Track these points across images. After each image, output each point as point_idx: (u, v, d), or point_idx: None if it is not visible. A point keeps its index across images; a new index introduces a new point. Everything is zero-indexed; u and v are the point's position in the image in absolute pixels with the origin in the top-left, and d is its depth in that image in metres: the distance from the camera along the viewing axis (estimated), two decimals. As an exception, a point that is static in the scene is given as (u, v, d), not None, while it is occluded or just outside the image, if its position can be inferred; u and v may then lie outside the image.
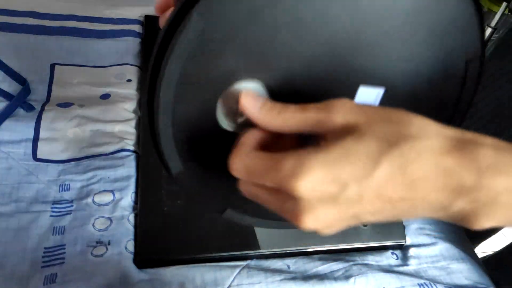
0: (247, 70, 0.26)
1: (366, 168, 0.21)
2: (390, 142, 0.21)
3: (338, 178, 0.21)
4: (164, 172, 0.47)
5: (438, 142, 0.21)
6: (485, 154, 0.21)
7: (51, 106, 0.52)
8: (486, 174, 0.21)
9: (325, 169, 0.21)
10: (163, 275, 0.41)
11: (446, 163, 0.21)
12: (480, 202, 0.21)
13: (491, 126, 0.50)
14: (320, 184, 0.21)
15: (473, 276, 0.48)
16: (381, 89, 0.30)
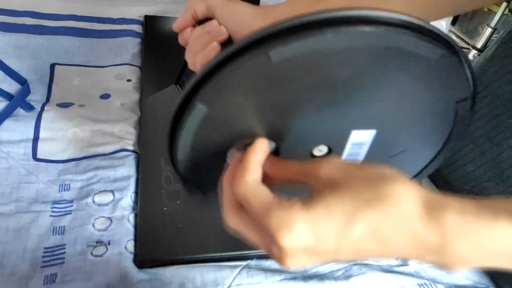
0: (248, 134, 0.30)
1: (343, 226, 0.23)
2: (366, 202, 0.23)
3: (318, 234, 0.23)
4: (164, 172, 0.47)
5: (410, 205, 0.23)
6: (450, 219, 0.23)
7: (51, 106, 0.52)
8: (450, 238, 0.23)
9: (307, 225, 0.23)
10: (163, 275, 0.41)
11: (415, 227, 0.23)
12: (447, 258, 0.24)
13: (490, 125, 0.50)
14: (301, 240, 0.23)
15: (473, 276, 0.48)
16: (373, 131, 0.32)
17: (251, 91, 0.28)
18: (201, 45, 0.37)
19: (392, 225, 0.23)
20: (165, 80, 0.57)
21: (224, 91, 0.27)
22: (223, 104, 0.28)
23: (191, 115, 0.28)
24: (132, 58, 0.62)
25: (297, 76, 0.27)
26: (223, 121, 0.29)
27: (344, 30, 0.25)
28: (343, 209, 0.23)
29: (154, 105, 0.54)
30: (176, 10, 0.71)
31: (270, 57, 0.25)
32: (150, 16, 0.68)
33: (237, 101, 0.28)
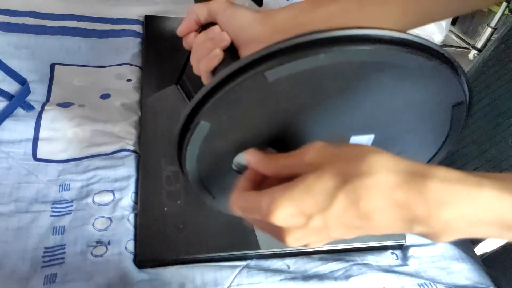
0: (251, 144, 0.32)
1: (325, 201, 0.25)
2: (345, 178, 0.24)
3: (304, 211, 0.25)
4: (164, 172, 0.47)
5: (388, 177, 0.24)
6: (432, 187, 0.24)
7: (51, 106, 0.52)
8: (433, 206, 0.24)
9: (292, 204, 0.25)
10: (163, 275, 0.41)
11: (397, 196, 0.24)
12: (434, 228, 0.24)
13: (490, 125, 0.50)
14: (290, 217, 0.26)
15: (473, 276, 0.48)
16: (371, 136, 0.33)
17: (251, 107, 0.29)
18: (204, 51, 0.37)
19: (372, 198, 0.24)
20: (165, 80, 0.57)
21: (225, 108, 0.29)
22: (225, 120, 0.30)
23: (195, 132, 0.30)
24: (132, 58, 0.62)
25: (293, 92, 0.29)
26: (226, 134, 0.31)
27: (336, 50, 0.26)
28: (323, 187, 0.25)
29: (154, 105, 0.54)
30: (176, 10, 0.71)
31: (266, 77, 0.27)
32: (150, 16, 0.68)
33: (238, 116, 0.30)
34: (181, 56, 0.60)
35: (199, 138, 0.30)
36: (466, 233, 0.25)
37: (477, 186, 0.24)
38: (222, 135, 0.31)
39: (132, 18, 0.68)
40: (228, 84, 0.28)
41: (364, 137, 0.33)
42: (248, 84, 0.27)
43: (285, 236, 0.27)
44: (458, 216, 0.24)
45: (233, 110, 0.29)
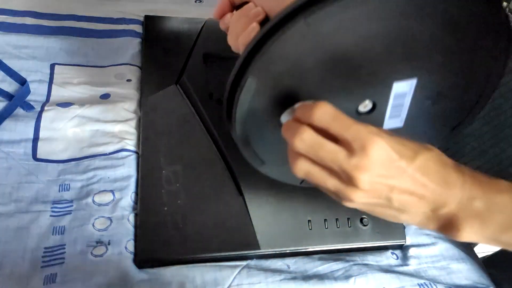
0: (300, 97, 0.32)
1: (412, 154, 0.29)
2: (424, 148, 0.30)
3: (398, 151, 0.28)
4: (164, 172, 0.47)
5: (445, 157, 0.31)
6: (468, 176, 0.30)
7: (51, 106, 0.52)
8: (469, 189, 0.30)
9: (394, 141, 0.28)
10: (163, 275, 0.41)
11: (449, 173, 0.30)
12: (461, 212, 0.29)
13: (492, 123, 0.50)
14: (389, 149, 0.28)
15: (473, 276, 0.48)
16: (414, 80, 0.33)
17: (296, 58, 0.30)
18: (242, 26, 0.37)
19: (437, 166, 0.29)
20: (165, 80, 0.57)
21: (271, 61, 0.29)
22: (272, 74, 0.30)
23: (244, 88, 0.30)
24: (132, 58, 0.61)
25: (335, 38, 0.29)
26: (273, 89, 0.31)
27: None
28: (410, 146, 0.29)
29: (154, 105, 0.54)
30: (176, 10, 0.71)
31: (309, 23, 0.27)
32: (150, 16, 0.68)
33: (284, 69, 0.30)
34: (181, 56, 0.60)
35: (248, 96, 0.31)
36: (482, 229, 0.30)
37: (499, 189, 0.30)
38: (270, 91, 0.31)
39: (132, 18, 0.68)
40: (271, 36, 0.28)
41: (407, 82, 0.33)
42: (292, 33, 0.28)
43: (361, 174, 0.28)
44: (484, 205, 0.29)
45: (279, 63, 0.30)
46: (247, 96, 0.31)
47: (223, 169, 0.49)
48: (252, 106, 0.32)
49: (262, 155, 0.37)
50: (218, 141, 0.50)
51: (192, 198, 0.46)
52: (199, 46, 0.61)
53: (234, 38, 0.38)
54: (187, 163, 0.48)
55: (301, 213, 0.47)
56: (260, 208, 0.46)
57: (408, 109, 0.36)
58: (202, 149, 0.50)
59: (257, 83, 0.30)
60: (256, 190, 0.47)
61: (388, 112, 0.35)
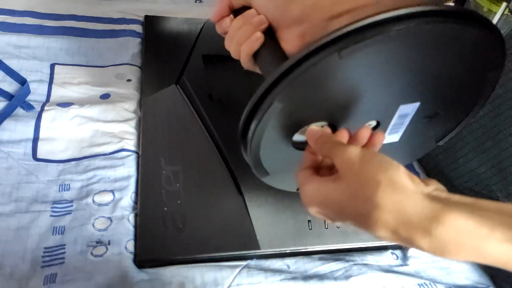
0: (315, 119, 0.34)
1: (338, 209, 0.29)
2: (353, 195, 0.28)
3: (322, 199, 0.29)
4: (164, 172, 0.47)
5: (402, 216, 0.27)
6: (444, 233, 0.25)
7: (51, 106, 0.52)
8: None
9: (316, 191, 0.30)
10: (163, 275, 0.41)
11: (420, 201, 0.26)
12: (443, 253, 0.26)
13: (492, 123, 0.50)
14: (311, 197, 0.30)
15: (473, 276, 0.48)
16: (417, 103, 0.36)
17: (322, 87, 0.31)
18: (244, 34, 0.37)
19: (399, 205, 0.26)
20: (165, 80, 0.57)
21: (300, 89, 0.31)
22: (297, 101, 0.32)
23: (268, 111, 0.31)
24: (132, 58, 0.61)
25: (361, 70, 0.31)
26: (293, 113, 0.33)
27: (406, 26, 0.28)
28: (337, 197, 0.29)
29: (154, 105, 0.54)
30: (176, 10, 0.71)
31: (341, 56, 0.29)
32: (150, 16, 0.68)
33: (309, 97, 0.32)
34: (181, 56, 0.60)
35: (269, 118, 0.32)
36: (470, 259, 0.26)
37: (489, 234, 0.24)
38: (290, 115, 0.33)
39: (132, 18, 0.68)
40: (303, 63, 0.29)
41: (411, 105, 0.36)
42: (324, 63, 0.29)
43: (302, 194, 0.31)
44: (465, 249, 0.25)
45: (306, 91, 0.31)
46: (269, 118, 0.32)
47: (223, 169, 0.49)
48: (269, 126, 0.33)
49: (268, 167, 0.38)
50: (218, 141, 0.50)
51: (192, 198, 0.46)
52: (199, 46, 0.61)
53: (234, 45, 0.38)
54: (187, 163, 0.49)
55: (301, 213, 0.47)
56: (260, 208, 0.46)
57: (407, 125, 0.38)
58: (202, 149, 0.50)
59: (281, 107, 0.31)
60: (256, 190, 0.47)
61: (388, 129, 0.38)
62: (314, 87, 0.31)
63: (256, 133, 0.33)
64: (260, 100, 0.32)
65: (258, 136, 0.33)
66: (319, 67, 0.29)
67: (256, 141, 0.34)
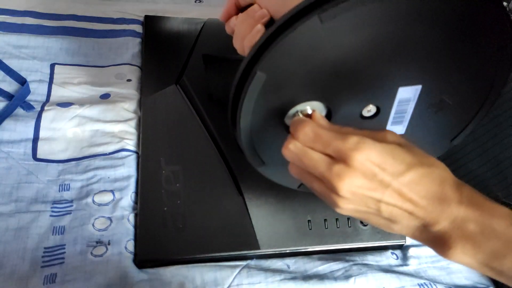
0: (304, 98, 0.32)
1: (401, 169, 0.28)
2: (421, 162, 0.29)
3: (382, 164, 0.28)
4: (164, 172, 0.47)
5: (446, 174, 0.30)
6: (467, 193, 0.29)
7: (51, 106, 0.52)
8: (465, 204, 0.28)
9: (378, 154, 0.28)
10: (163, 275, 0.41)
11: (446, 190, 0.29)
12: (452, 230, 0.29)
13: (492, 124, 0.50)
14: (370, 162, 0.28)
15: (473, 276, 0.48)
16: (418, 87, 0.33)
17: (306, 55, 0.29)
18: (246, 28, 0.37)
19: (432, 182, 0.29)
20: (165, 80, 0.57)
21: (281, 57, 0.29)
22: (281, 70, 0.30)
23: (252, 83, 0.30)
24: (132, 58, 0.61)
25: (347, 36, 0.29)
26: (281, 87, 0.31)
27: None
28: (404, 159, 0.28)
29: (154, 105, 0.54)
30: (176, 10, 0.71)
31: (322, 20, 0.27)
32: (150, 16, 0.68)
33: (294, 67, 0.30)
34: (181, 56, 0.60)
35: (255, 91, 0.30)
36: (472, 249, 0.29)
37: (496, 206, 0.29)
38: (277, 88, 0.31)
39: (132, 18, 0.68)
40: (284, 32, 0.28)
41: (411, 88, 0.33)
42: (304, 29, 0.27)
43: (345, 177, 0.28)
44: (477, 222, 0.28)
45: (289, 60, 0.29)
46: (254, 92, 0.30)
47: (223, 169, 0.49)
48: (258, 104, 0.31)
49: (263, 155, 0.37)
50: (218, 141, 0.50)
51: (192, 198, 0.46)
52: (199, 46, 0.61)
53: (239, 40, 0.38)
54: (187, 163, 0.49)
55: (301, 213, 0.47)
56: (260, 208, 0.46)
57: (410, 116, 0.36)
58: (202, 149, 0.50)
59: (265, 79, 0.30)
60: (256, 190, 0.47)
61: (390, 118, 0.35)
62: (298, 56, 0.29)
63: (244, 110, 0.31)
64: (245, 73, 0.30)
65: (246, 114, 0.32)
66: (299, 32, 0.28)
67: (245, 120, 0.32)
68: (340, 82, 0.32)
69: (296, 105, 0.33)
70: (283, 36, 0.28)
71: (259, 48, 0.29)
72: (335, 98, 0.33)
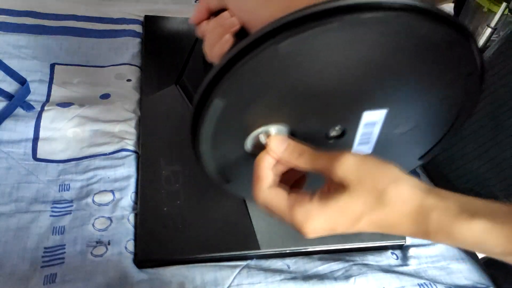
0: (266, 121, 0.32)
1: (352, 221, 0.29)
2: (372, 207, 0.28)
3: (332, 225, 0.30)
4: (164, 172, 0.47)
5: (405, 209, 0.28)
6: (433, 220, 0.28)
7: (51, 106, 0.52)
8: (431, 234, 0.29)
9: (324, 220, 0.29)
10: (163, 275, 0.41)
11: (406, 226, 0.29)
12: None
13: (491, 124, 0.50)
14: (320, 229, 0.30)
15: (473, 276, 0.48)
16: (384, 110, 0.33)
17: (265, 82, 0.29)
18: (216, 37, 0.37)
19: (389, 223, 0.29)
20: (165, 80, 0.57)
21: (239, 84, 0.29)
22: (239, 97, 0.30)
23: (210, 110, 0.29)
24: (132, 58, 0.62)
25: (306, 64, 0.28)
26: (241, 112, 0.31)
27: (348, 18, 0.26)
28: (353, 210, 0.29)
29: (154, 105, 0.54)
30: (176, 10, 0.71)
31: (278, 50, 0.27)
32: (150, 16, 0.68)
33: (253, 92, 0.30)
34: (181, 56, 0.60)
35: (214, 117, 0.30)
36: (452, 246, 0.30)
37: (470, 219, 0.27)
38: (237, 114, 0.31)
39: (132, 18, 0.68)
40: (240, 59, 0.27)
41: (377, 111, 0.33)
42: (261, 58, 0.27)
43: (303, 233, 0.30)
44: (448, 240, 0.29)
45: (247, 86, 0.29)
46: (213, 117, 0.30)
47: (223, 169, 0.49)
48: (218, 128, 0.31)
49: (227, 174, 0.36)
50: (218, 141, 0.50)
51: (192, 198, 0.46)
52: (199, 47, 0.61)
53: (209, 48, 0.38)
54: (187, 163, 0.48)
55: (301, 213, 0.47)
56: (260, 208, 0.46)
57: (377, 136, 0.35)
58: (202, 149, 0.50)
59: (224, 105, 0.29)
60: (256, 190, 0.47)
61: (357, 139, 0.35)
62: (256, 83, 0.29)
63: (203, 135, 0.31)
64: (202, 99, 0.30)
65: (206, 138, 0.31)
66: (256, 61, 0.27)
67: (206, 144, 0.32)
68: (303, 107, 0.31)
69: (258, 128, 0.32)
70: (239, 64, 0.28)
71: (217, 73, 0.29)
72: (298, 121, 0.32)
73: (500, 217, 0.27)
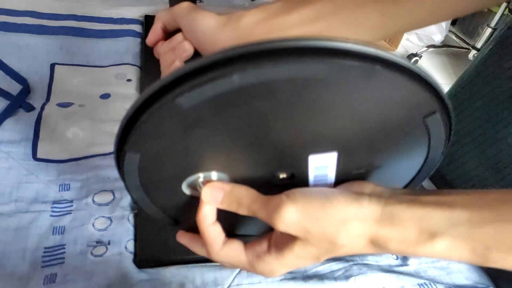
0: (196, 169, 0.29)
1: (314, 261, 0.30)
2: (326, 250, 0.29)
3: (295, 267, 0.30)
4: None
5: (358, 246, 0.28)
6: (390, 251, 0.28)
7: (51, 106, 0.52)
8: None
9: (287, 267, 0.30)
10: (163, 275, 0.41)
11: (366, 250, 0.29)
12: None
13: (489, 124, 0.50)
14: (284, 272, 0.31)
15: (473, 276, 0.48)
16: (333, 153, 0.29)
17: (176, 134, 0.26)
18: (168, 62, 0.36)
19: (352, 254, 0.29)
20: (165, 80, 0.57)
21: (148, 138, 0.26)
22: (152, 150, 0.27)
23: (127, 162, 0.28)
24: (132, 58, 0.62)
25: (216, 115, 0.25)
26: (162, 161, 0.28)
27: (251, 69, 0.22)
28: (310, 253, 0.29)
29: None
30: (176, 10, 0.71)
31: (179, 104, 0.24)
32: (150, 16, 0.68)
33: (164, 146, 0.27)
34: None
35: (134, 168, 0.28)
36: None
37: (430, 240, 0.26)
38: (158, 163, 0.28)
39: (132, 18, 0.68)
40: (144, 113, 0.25)
41: (325, 155, 0.29)
42: (164, 112, 0.24)
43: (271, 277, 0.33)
44: None
45: (157, 139, 0.26)
46: (133, 168, 0.28)
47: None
48: (144, 176, 0.29)
49: (174, 216, 0.34)
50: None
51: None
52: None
53: (163, 71, 0.37)
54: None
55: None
56: None
57: (336, 176, 0.31)
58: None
59: (140, 157, 0.27)
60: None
61: (311, 180, 0.31)
62: (170, 136, 0.26)
63: (129, 186, 0.30)
64: (118, 151, 0.27)
65: (134, 188, 0.30)
66: (159, 116, 0.24)
67: (138, 192, 0.30)
68: (231, 157, 0.28)
69: (192, 175, 0.30)
70: (142, 118, 0.25)
71: (125, 126, 0.26)
72: (234, 169, 0.29)
73: (462, 230, 0.26)
